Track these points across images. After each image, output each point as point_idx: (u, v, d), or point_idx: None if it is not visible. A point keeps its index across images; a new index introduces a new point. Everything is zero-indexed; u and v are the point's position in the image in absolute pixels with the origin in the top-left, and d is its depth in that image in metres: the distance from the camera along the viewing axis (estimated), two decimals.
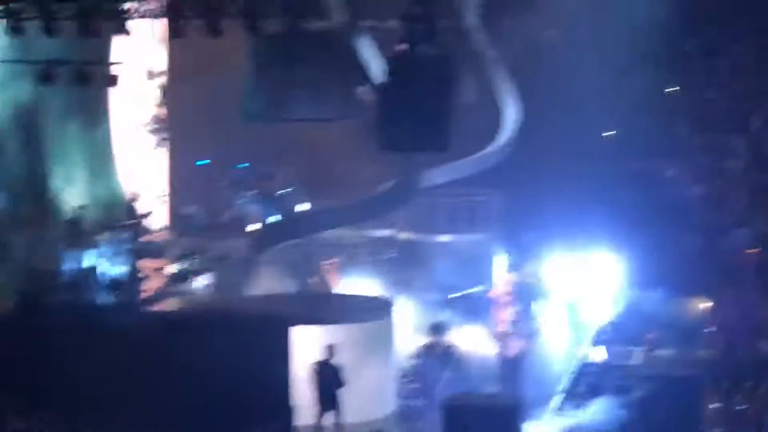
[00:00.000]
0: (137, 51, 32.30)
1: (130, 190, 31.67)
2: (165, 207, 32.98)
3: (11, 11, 24.11)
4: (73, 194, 30.27)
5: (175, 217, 32.28)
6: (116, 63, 28.05)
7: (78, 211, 29.07)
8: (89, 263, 27.15)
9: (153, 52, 33.88)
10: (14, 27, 24.35)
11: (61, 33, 24.21)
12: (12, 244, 27.54)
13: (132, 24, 24.64)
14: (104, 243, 27.51)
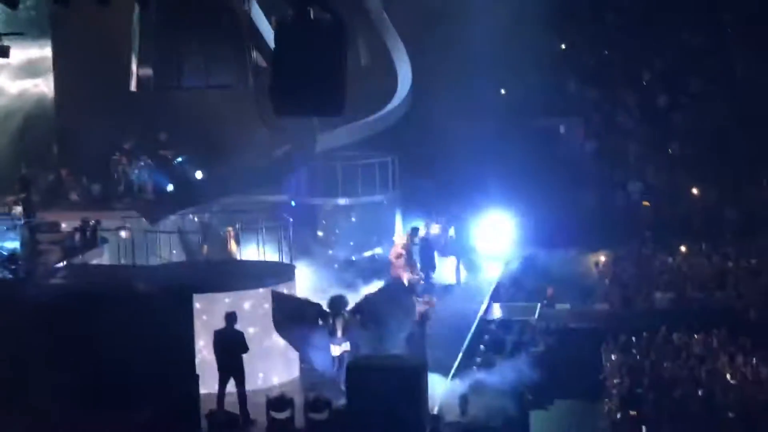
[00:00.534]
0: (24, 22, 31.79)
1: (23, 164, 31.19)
2: (59, 179, 32.51)
3: None
4: None
5: (70, 189, 31.84)
6: (6, 34, 27.54)
7: None
8: None
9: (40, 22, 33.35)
10: None
11: None
12: None
13: None
14: None
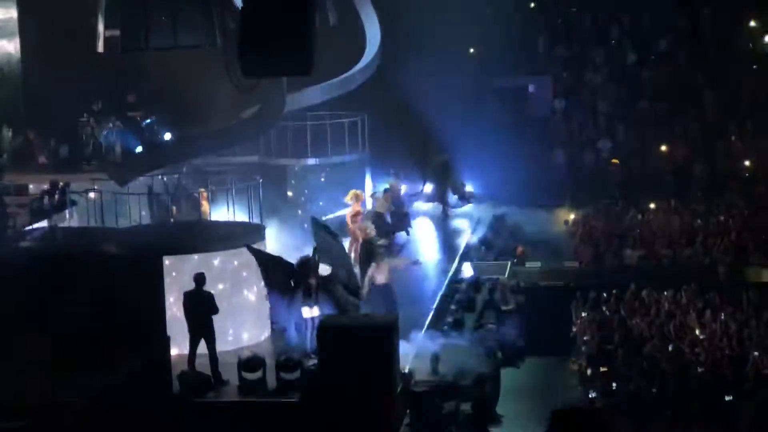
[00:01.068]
0: None
1: None
2: (27, 141, 32.24)
3: None
4: None
5: (38, 151, 31.59)
6: None
7: None
8: None
9: None
10: None
11: None
12: None
13: None
14: None
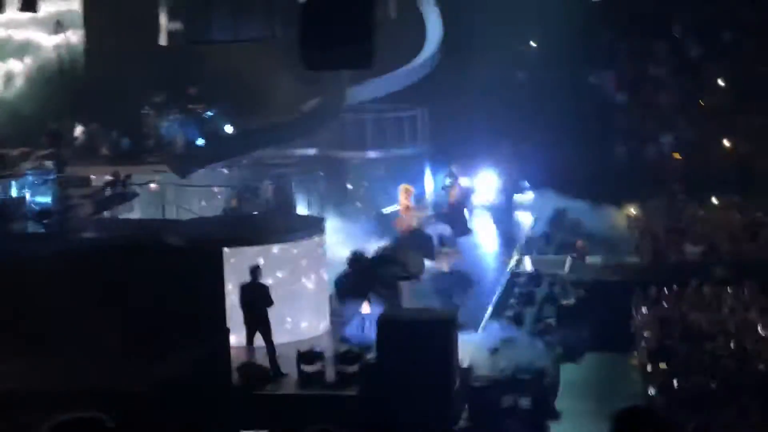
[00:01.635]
0: None
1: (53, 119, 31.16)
2: (90, 133, 32.47)
3: None
4: None
5: (101, 143, 31.82)
6: None
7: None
8: (17, 193, 26.80)
9: None
10: None
11: None
12: None
13: None
14: (30, 172, 27.14)
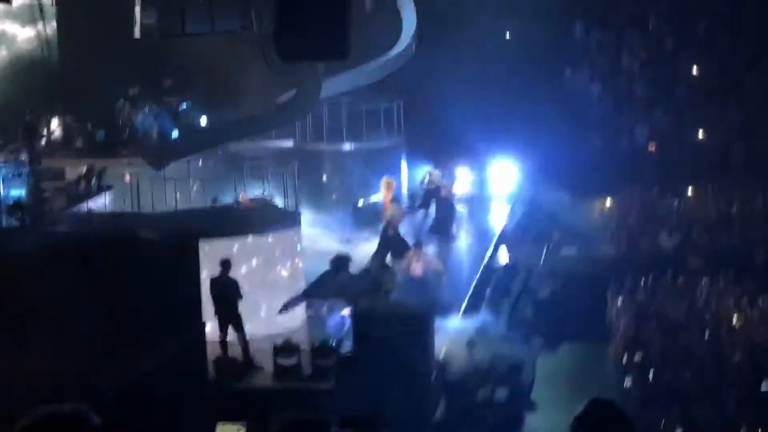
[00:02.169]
0: None
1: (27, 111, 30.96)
2: (64, 125, 32.30)
3: None
4: None
5: (75, 136, 31.66)
6: None
7: None
8: None
9: None
10: None
11: None
12: None
13: None
14: (4, 165, 27.00)
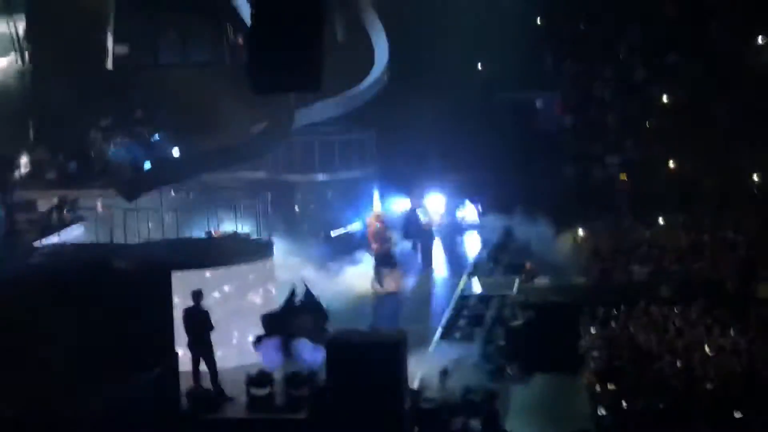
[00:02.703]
0: None
1: None
2: (36, 157, 32.28)
3: None
4: None
5: (47, 167, 31.63)
6: None
7: None
8: None
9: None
10: None
11: None
12: None
13: None
14: None
